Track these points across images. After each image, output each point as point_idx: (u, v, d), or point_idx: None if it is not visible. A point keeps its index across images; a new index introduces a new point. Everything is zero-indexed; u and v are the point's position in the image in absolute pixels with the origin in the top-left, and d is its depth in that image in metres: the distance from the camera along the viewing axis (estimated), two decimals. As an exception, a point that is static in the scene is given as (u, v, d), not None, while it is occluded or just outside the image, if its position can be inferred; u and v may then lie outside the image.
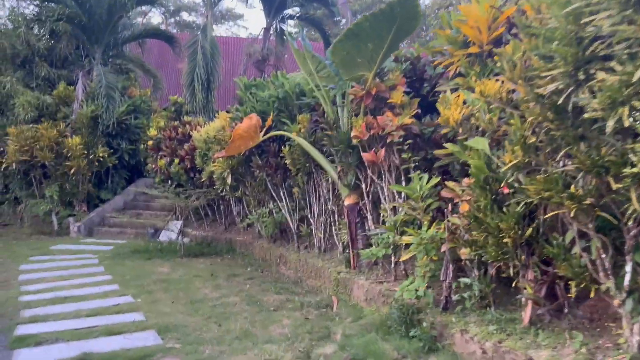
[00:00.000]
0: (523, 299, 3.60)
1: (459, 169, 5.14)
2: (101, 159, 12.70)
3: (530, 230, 3.34)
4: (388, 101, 5.18)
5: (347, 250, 6.30)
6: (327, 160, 6.35)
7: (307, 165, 7.34)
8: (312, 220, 7.77)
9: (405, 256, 4.58)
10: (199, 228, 11.25)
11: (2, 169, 12.70)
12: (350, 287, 5.79)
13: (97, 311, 5.82)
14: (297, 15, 14.11)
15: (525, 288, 3.43)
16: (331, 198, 7.02)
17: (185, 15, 48.28)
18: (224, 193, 9.82)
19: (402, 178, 5.29)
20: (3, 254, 9.81)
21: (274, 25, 14.19)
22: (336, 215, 7.07)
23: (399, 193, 5.29)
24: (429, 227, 4.50)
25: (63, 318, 5.58)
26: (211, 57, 12.59)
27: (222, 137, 8.96)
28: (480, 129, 3.71)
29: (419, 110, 5.28)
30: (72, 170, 12.27)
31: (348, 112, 5.94)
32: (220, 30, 42.27)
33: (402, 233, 4.83)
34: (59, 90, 13.08)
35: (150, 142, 11.42)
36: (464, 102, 4.03)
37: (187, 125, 11.00)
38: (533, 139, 2.97)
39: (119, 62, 14.97)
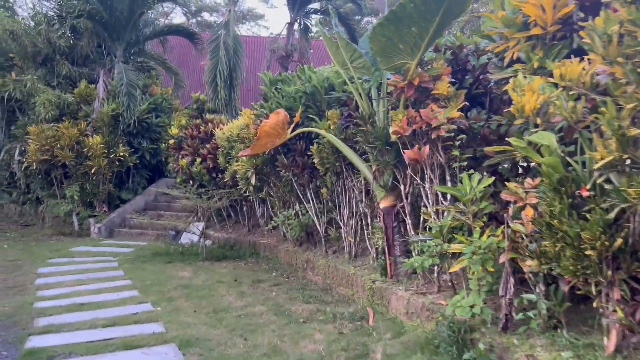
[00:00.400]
0: (604, 322, 3.05)
1: (511, 168, 4.61)
2: (122, 159, 12.42)
3: (620, 240, 2.79)
4: (432, 92, 4.65)
5: (382, 257, 5.78)
6: (361, 159, 5.84)
7: (337, 164, 6.85)
8: (341, 223, 7.27)
9: (455, 267, 4.04)
10: (221, 230, 10.85)
11: (22, 169, 12.53)
12: (387, 298, 5.27)
13: (115, 321, 5.42)
14: (323, 9, 13.61)
15: (614, 310, 2.87)
16: (363, 200, 6.51)
17: (206, 16, 48.52)
18: (247, 194, 9.40)
19: (447, 178, 4.76)
20: (23, 256, 9.56)
21: (298, 21, 13.74)
22: (369, 219, 6.55)
23: (444, 195, 4.75)
24: (481, 234, 3.97)
25: (78, 328, 5.19)
26: (234, 53, 12.18)
27: (246, 135, 8.52)
28: (558, 120, 3.14)
29: (467, 103, 4.74)
30: (93, 170, 12.02)
31: (384, 106, 5.43)
32: (242, 30, 42.19)
33: (450, 240, 4.29)
34: (80, 89, 12.86)
35: (171, 141, 11.07)
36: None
37: (210, 124, 10.61)
38: (635, 131, 2.42)
39: (140, 60, 14.69)
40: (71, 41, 13.57)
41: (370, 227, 6.50)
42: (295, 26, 13.58)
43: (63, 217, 12.65)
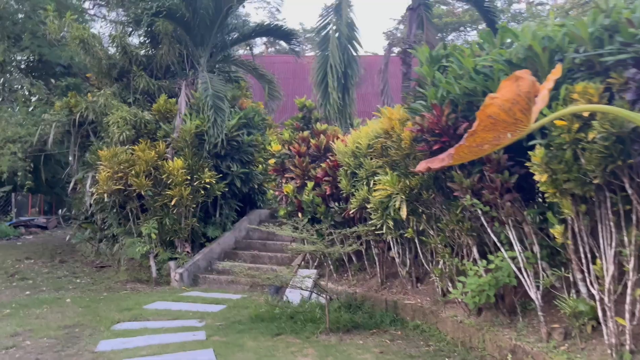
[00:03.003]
0: None
1: None
2: (207, 187, 9.97)
3: None
4: None
5: None
6: None
7: (596, 180, 3.68)
8: (592, 288, 4.06)
9: None
10: (340, 280, 7.91)
11: (94, 201, 10.48)
12: None
13: None
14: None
15: None
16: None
17: (285, 43, 47.43)
18: (383, 231, 6.44)
19: None
20: (84, 319, 7.15)
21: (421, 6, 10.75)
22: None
23: None
24: None
25: None
26: (348, 44, 9.45)
27: (392, 143, 5.59)
28: None
29: None
30: (173, 201, 9.64)
31: None
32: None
33: None
34: (158, 104, 10.71)
35: (272, 161, 8.42)
36: None
37: (322, 136, 7.84)
38: None
39: (227, 70, 12.48)
40: (150, 51, 11.62)
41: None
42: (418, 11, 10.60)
43: (139, 259, 10.38)
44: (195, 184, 9.87)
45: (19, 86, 16.41)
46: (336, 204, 7.31)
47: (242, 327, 6.48)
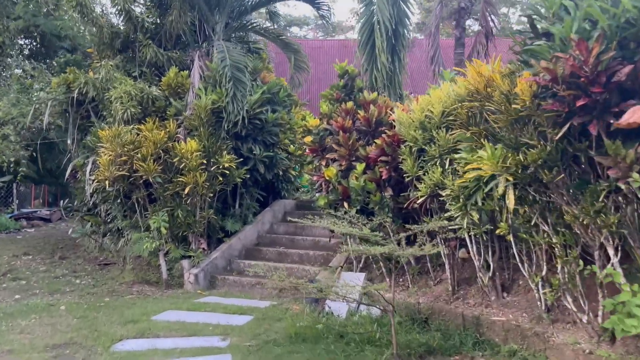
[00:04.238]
0: None
1: None
2: (226, 172, 8.47)
3: None
4: None
5: None
6: None
7: None
8: None
9: None
10: (395, 286, 6.38)
11: (94, 190, 9.03)
12: None
13: None
14: None
15: None
16: None
17: (296, 30, 46.27)
18: (462, 225, 4.92)
19: None
20: (79, 333, 5.71)
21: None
22: None
23: None
24: None
25: None
26: (399, -3, 7.84)
27: (493, 105, 4.02)
28: None
29: None
30: (187, 190, 8.16)
31: None
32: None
33: None
34: (168, 78, 9.20)
35: (308, 139, 6.86)
36: None
37: (372, 106, 6.27)
38: None
39: (246, 40, 10.94)
40: (157, 18, 10.12)
41: None
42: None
43: (147, 256, 8.94)
44: (212, 169, 8.37)
45: (20, 69, 15.10)
46: (394, 190, 5.77)
47: (279, 349, 5.01)
